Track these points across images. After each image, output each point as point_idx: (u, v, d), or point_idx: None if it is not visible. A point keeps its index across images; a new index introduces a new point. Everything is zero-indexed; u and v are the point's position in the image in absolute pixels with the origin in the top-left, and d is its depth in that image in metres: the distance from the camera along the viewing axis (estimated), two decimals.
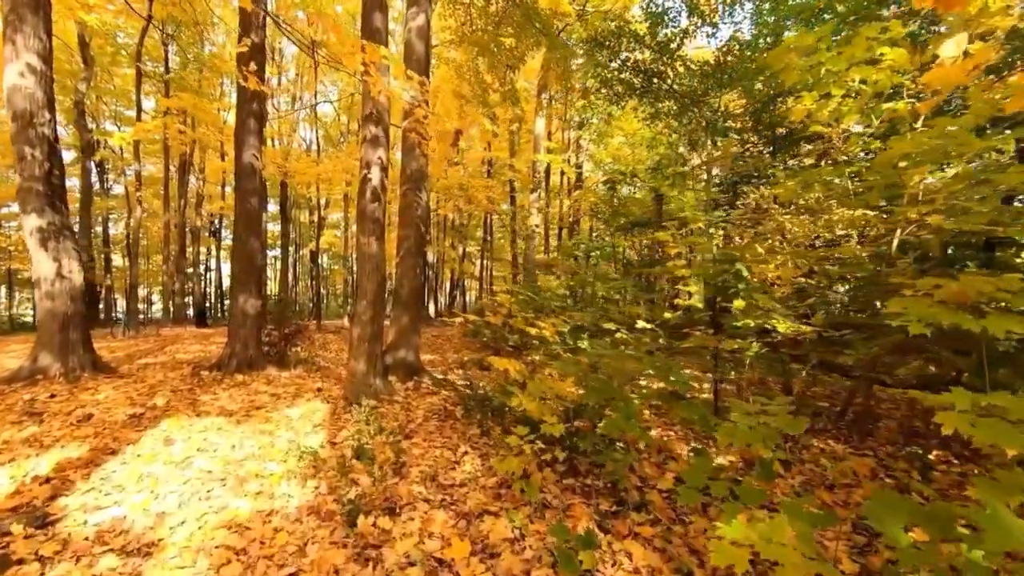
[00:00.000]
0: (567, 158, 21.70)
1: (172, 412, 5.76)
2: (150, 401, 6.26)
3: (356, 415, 5.49)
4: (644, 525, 3.10)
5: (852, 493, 3.73)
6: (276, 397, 6.63)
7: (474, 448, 4.48)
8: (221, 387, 7.23)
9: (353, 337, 6.34)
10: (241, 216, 8.54)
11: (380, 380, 6.41)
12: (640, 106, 13.21)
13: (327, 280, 39.42)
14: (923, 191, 4.42)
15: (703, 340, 4.17)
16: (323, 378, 8.14)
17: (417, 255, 8.01)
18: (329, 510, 3.28)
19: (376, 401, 6.06)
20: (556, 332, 5.10)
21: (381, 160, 6.39)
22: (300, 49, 10.94)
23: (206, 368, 8.36)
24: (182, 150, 22.93)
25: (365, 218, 6.37)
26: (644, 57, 11.78)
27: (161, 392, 6.86)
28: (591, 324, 6.02)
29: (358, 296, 6.46)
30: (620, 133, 20.84)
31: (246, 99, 8.51)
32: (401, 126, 7.91)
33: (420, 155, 7.80)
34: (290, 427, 5.18)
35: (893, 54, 3.68)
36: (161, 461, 4.18)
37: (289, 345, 9.42)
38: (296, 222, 32.16)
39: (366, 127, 6.39)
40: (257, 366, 8.37)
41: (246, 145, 8.48)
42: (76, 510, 3.30)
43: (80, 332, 7.88)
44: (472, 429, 5.02)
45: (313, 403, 6.22)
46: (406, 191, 7.92)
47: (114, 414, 5.66)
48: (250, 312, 8.40)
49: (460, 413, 5.46)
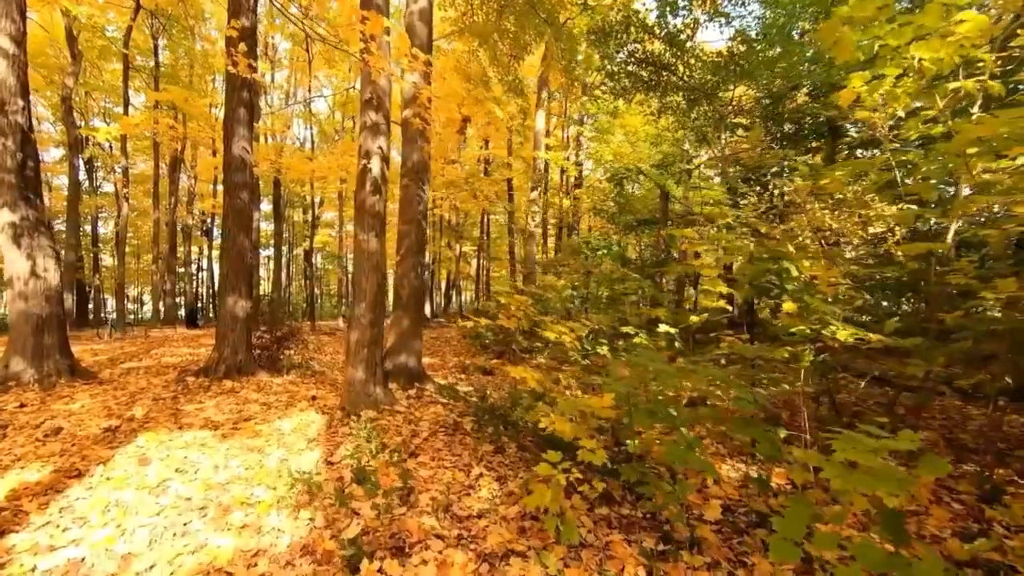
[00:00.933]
0: (567, 156, 21.21)
1: (151, 425, 5.24)
2: (128, 412, 5.72)
3: (355, 428, 4.99)
4: (701, 569, 2.62)
5: (924, 523, 3.26)
6: (267, 407, 6.11)
7: (489, 469, 3.98)
8: (208, 395, 6.70)
9: (350, 342, 5.83)
10: (230, 212, 8.01)
11: (380, 388, 5.90)
12: (647, 100, 12.76)
13: (321, 280, 38.81)
14: (989, 182, 3.98)
15: (745, 348, 3.69)
16: (318, 384, 7.63)
17: (418, 253, 7.51)
18: (326, 550, 2.78)
19: (376, 412, 5.56)
20: (576, 337, 4.62)
21: (382, 149, 5.88)
22: (295, 24, 10.33)
23: (192, 373, 7.82)
24: (173, 147, 22.30)
25: (364, 212, 5.86)
26: (653, 48, 11.32)
27: (142, 401, 6.33)
28: (608, 328, 5.54)
29: (356, 297, 5.95)
30: (622, 130, 20.38)
31: (236, 87, 7.98)
32: (402, 115, 7.43)
33: (422, 145, 7.29)
34: (281, 442, 4.67)
35: (973, 22, 3.21)
36: (133, 486, 3.66)
37: (281, 349, 8.89)
38: (290, 221, 31.56)
39: (365, 113, 5.89)
40: (247, 371, 7.84)
41: (236, 136, 7.95)
42: (24, 552, 2.78)
43: (56, 335, 7.34)
44: (484, 445, 4.52)
45: (307, 414, 5.71)
46: (407, 184, 7.41)
47: (87, 427, 5.13)
48: (239, 314, 7.87)
49: (470, 426, 4.96)
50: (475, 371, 9.23)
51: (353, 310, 5.93)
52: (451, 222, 26.92)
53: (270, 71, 24.44)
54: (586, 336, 5.16)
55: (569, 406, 2.86)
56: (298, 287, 36.52)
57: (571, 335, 4.48)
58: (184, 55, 23.00)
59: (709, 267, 5.31)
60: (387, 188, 6.16)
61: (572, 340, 4.53)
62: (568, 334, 4.44)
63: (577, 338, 4.61)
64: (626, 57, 11.28)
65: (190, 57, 22.88)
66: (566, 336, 4.41)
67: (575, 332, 4.54)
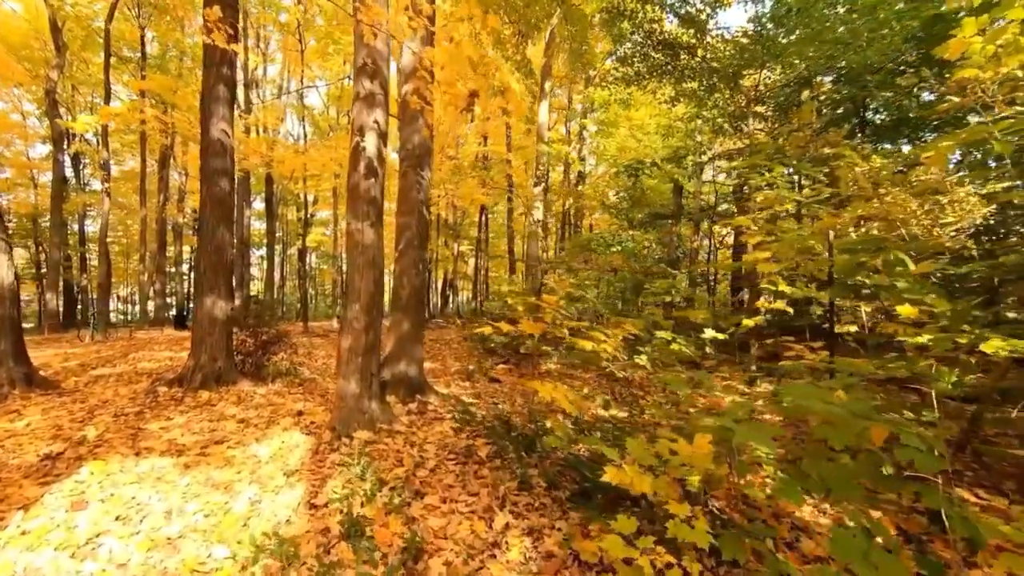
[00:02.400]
0: (571, 151, 20.38)
1: (103, 450, 4.38)
2: (80, 432, 4.86)
3: (346, 454, 4.14)
4: None
5: None
6: (244, 424, 5.25)
7: (516, 515, 3.14)
8: (179, 409, 5.83)
9: (342, 349, 4.97)
10: (208, 201, 7.13)
11: (376, 404, 5.05)
12: (661, 87, 11.95)
13: (315, 280, 37.86)
14: None
15: (853, 364, 2.81)
16: (306, 395, 6.77)
17: (420, 247, 6.65)
18: None
19: (372, 432, 4.71)
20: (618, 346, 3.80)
21: (378, 125, 5.03)
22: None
23: (166, 383, 6.96)
24: (162, 142, 21.37)
25: (358, 198, 5.00)
26: (671, 29, 10.52)
27: (101, 417, 5.47)
28: (645, 333, 4.71)
29: (349, 298, 5.09)
30: (627, 123, 19.58)
31: (214, 61, 7.11)
32: (400, 92, 6.57)
33: (423, 126, 6.42)
34: (256, 476, 3.81)
35: None
36: (54, 543, 2.81)
37: (267, 355, 8.02)
38: (283, 220, 30.61)
39: (359, 82, 5.03)
40: (227, 380, 6.97)
41: (214, 116, 7.08)
42: None
43: (9, 340, 6.48)
44: (504, 476, 3.68)
45: (291, 434, 4.85)
46: (406, 170, 6.55)
47: (23, 453, 4.27)
48: (219, 316, 7.00)
49: (486, 452, 4.12)
50: (480, 378, 8.40)
51: (346, 312, 5.08)
52: (448, 220, 26.05)
53: (262, 64, 23.52)
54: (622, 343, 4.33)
55: (642, 452, 2.03)
56: (292, 287, 35.59)
57: (612, 343, 3.67)
58: (173, 47, 22.10)
59: (767, 262, 4.49)
60: (385, 171, 5.30)
61: (614, 349, 3.72)
62: (609, 341, 3.63)
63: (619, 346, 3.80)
64: (643, 38, 10.45)
65: (179, 49, 21.97)
66: (607, 344, 3.60)
67: (612, 339, 3.72)
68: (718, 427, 1.98)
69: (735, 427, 1.86)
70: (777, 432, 2.21)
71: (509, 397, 7.14)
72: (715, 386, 3.30)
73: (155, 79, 16.66)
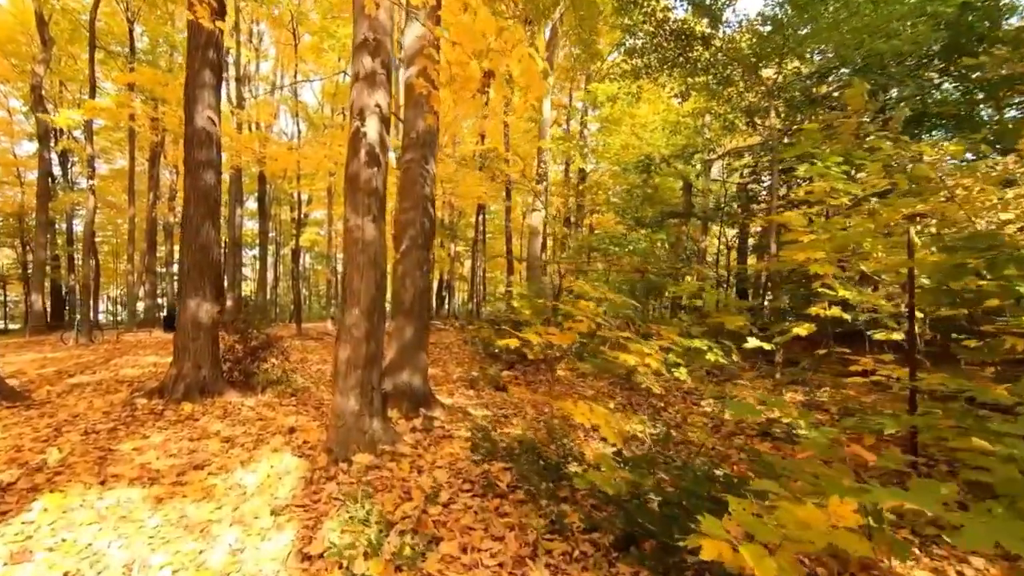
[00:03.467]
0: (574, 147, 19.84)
1: (65, 478, 3.80)
2: (42, 455, 4.27)
3: (344, 483, 3.58)
4: None
5: None
6: (229, 444, 4.68)
7: (554, 569, 2.58)
8: (157, 425, 5.25)
9: (339, 361, 4.39)
10: (192, 195, 6.54)
11: (378, 421, 4.48)
12: (671, 81, 11.45)
13: (309, 280, 37.16)
14: None
15: (947, 380, 2.29)
16: (299, 407, 6.19)
17: (424, 248, 6.09)
18: None
19: (373, 455, 4.15)
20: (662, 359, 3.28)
21: (380, 108, 4.46)
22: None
23: (146, 393, 6.36)
24: (152, 139, 20.69)
25: (358, 190, 4.43)
26: (684, 18, 10.01)
27: (68, 435, 4.87)
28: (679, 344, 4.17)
29: (347, 302, 4.50)
30: (631, 120, 19.07)
31: (199, 44, 6.53)
32: (404, 75, 6.02)
33: (429, 112, 5.84)
34: (238, 513, 3.23)
35: None
36: None
37: (257, 361, 7.43)
38: (277, 220, 29.96)
39: (359, 60, 4.46)
40: (212, 391, 6.39)
41: (199, 103, 6.50)
42: None
43: None
44: (531, 514, 3.12)
45: (281, 456, 4.28)
46: (409, 160, 5.99)
47: None
48: (204, 320, 6.42)
49: (507, 481, 3.55)
50: (485, 386, 7.84)
51: (344, 317, 4.50)
52: (444, 220, 25.50)
53: (255, 60, 22.92)
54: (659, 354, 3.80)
55: (771, 533, 1.45)
56: (285, 287, 34.93)
57: (656, 357, 3.14)
58: (163, 41, 21.47)
59: (818, 261, 3.96)
60: (387, 159, 4.74)
61: (658, 363, 3.19)
62: (653, 355, 3.10)
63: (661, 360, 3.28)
64: (655, 28, 9.93)
65: (169, 43, 21.34)
66: (652, 359, 3.07)
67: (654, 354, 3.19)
68: (857, 488, 1.44)
69: (886, 491, 1.32)
70: (950, 493, 1.66)
71: (519, 409, 6.59)
72: (787, 404, 2.76)
73: (144, 72, 15.99)
